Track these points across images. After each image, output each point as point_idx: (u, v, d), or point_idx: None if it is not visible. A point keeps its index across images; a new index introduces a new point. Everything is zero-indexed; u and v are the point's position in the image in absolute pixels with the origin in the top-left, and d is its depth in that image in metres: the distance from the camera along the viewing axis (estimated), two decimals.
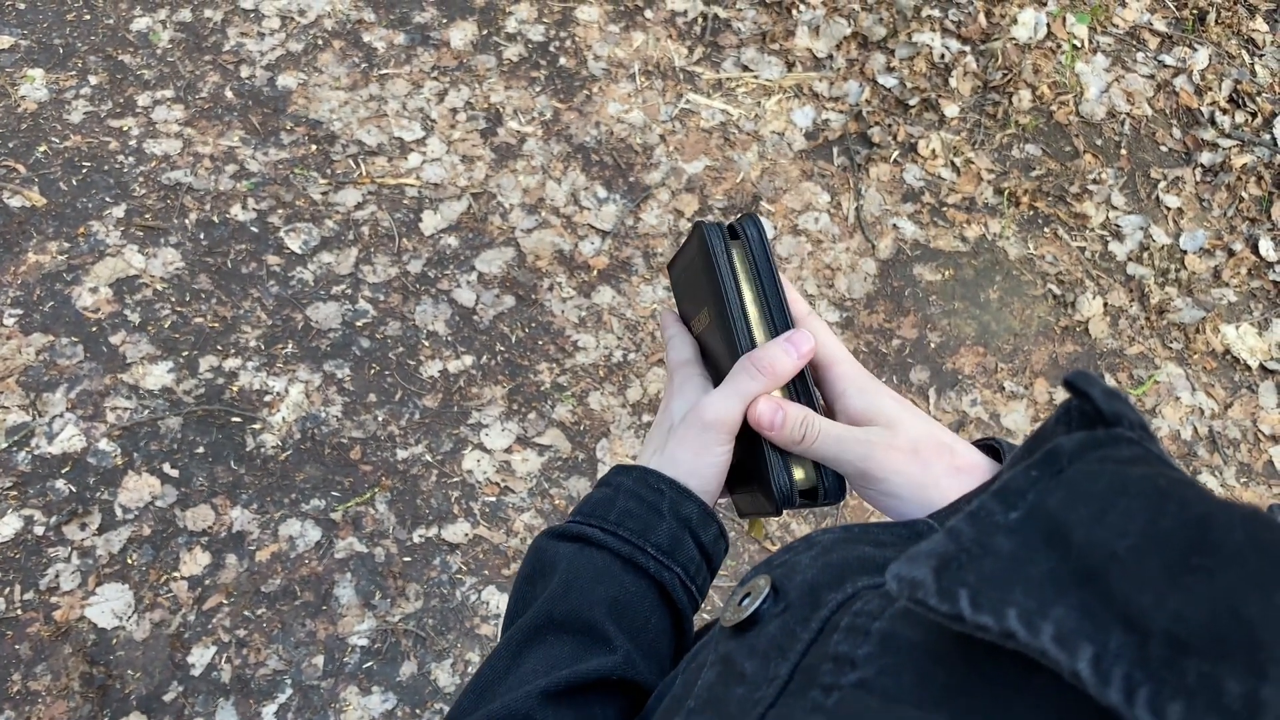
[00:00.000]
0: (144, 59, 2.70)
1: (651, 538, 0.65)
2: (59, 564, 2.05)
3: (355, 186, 2.57)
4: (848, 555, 0.47)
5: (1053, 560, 0.30)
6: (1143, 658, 0.27)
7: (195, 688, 1.97)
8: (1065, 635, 0.28)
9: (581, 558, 0.65)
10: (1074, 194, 2.81)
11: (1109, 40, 3.07)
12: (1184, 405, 2.55)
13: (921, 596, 0.32)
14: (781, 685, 0.41)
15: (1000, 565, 0.31)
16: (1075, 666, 0.28)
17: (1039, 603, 0.29)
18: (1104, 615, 0.28)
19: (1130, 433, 0.35)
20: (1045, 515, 0.32)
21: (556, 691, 0.58)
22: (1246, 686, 0.25)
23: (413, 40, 2.84)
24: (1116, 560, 0.29)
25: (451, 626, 2.09)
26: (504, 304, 2.47)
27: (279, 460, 2.21)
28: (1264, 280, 2.73)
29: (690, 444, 0.69)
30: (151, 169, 2.53)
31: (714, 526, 0.68)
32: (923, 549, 0.34)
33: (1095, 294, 2.67)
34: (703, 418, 0.68)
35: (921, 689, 0.35)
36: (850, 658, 0.38)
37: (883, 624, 0.39)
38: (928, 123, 2.88)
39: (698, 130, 2.80)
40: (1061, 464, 0.34)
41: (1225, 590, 0.27)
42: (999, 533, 0.32)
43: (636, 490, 0.67)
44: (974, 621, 0.30)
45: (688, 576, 0.66)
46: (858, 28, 3.01)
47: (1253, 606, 0.26)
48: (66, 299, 2.32)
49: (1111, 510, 0.30)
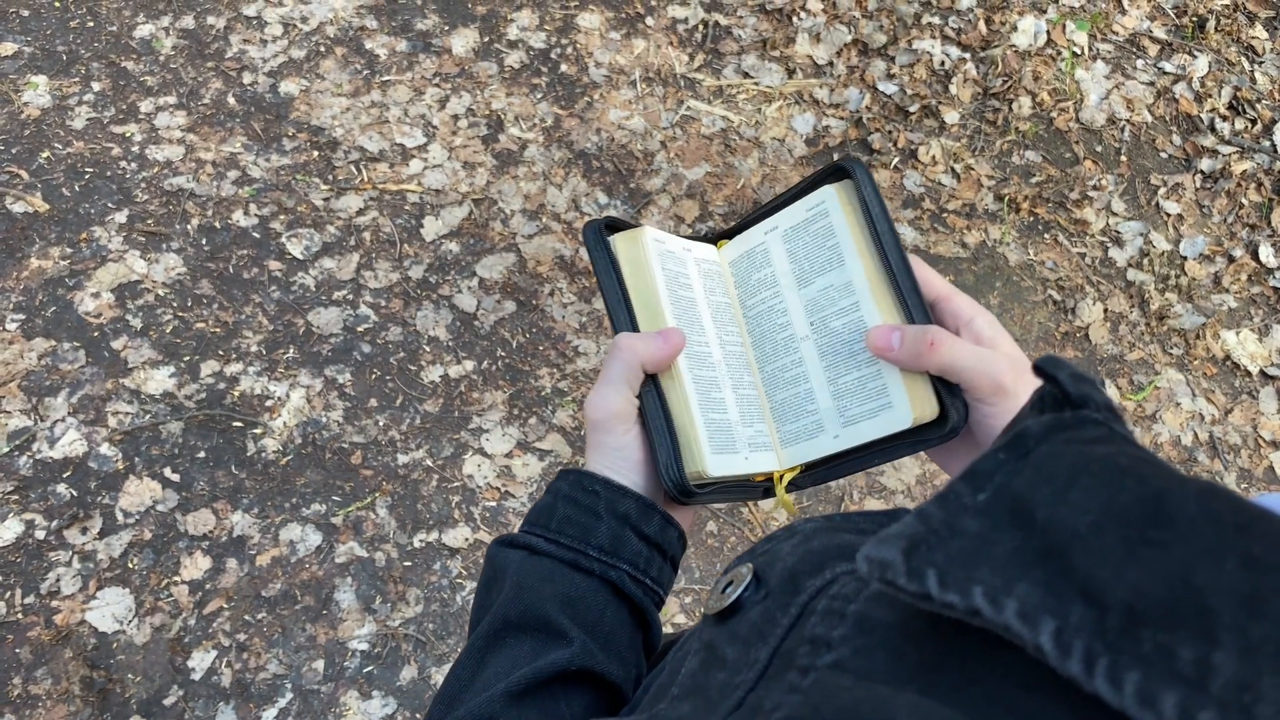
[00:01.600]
0: (147, 66, 2.71)
1: (592, 540, 0.67)
2: (60, 568, 2.05)
3: (357, 192, 2.59)
4: (828, 543, 0.47)
5: (1018, 539, 0.31)
6: (1101, 630, 0.27)
7: (195, 692, 1.97)
8: (1028, 611, 0.29)
9: (530, 562, 0.66)
10: (1074, 200, 2.82)
11: (1109, 47, 3.08)
12: (1184, 411, 2.55)
13: (891, 577, 0.33)
14: (761, 669, 0.42)
15: (967, 545, 0.32)
16: (1038, 640, 0.28)
17: (1004, 580, 0.30)
18: (1065, 590, 0.29)
19: (1096, 414, 0.36)
20: (1011, 496, 0.33)
21: (518, 691, 0.59)
22: (1198, 653, 0.26)
23: (414, 47, 2.86)
24: (1078, 537, 0.30)
25: (452, 631, 2.09)
26: (505, 309, 2.47)
27: (280, 465, 2.22)
28: (1264, 286, 2.74)
29: (595, 445, 0.70)
30: (154, 175, 2.54)
31: (656, 517, 0.69)
32: (893, 531, 0.34)
33: (1095, 300, 2.67)
34: (590, 417, 0.70)
35: (894, 667, 0.35)
36: (826, 640, 0.39)
37: (858, 606, 0.39)
38: (928, 129, 2.89)
39: (698, 136, 2.81)
40: (1028, 446, 0.35)
41: (1179, 561, 0.27)
42: (966, 514, 0.33)
43: (573, 495, 0.69)
44: (941, 600, 0.31)
45: (637, 570, 0.67)
46: (858, 35, 3.02)
47: (1204, 575, 0.27)
48: (69, 304, 2.33)
49: (1074, 489, 0.31)
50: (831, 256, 0.75)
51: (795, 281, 0.77)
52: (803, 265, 0.76)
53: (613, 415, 0.69)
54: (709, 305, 0.77)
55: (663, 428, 0.70)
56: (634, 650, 0.67)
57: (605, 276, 0.74)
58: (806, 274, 0.76)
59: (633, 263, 0.74)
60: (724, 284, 0.79)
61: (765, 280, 0.78)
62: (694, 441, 0.70)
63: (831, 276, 0.75)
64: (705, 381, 0.73)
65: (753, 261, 0.79)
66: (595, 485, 0.68)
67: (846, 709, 0.34)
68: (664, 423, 0.70)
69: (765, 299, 0.78)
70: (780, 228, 0.78)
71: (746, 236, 0.80)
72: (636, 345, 0.69)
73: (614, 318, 0.73)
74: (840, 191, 0.76)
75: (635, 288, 0.74)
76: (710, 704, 0.43)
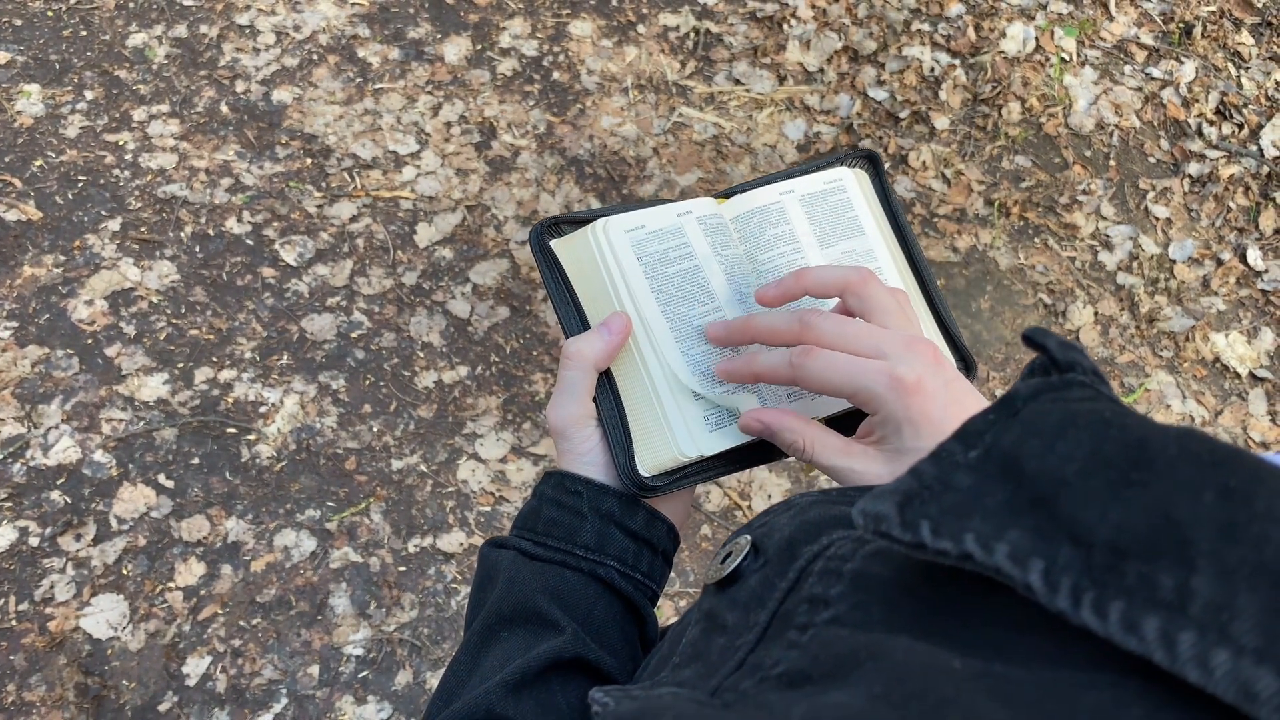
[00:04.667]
0: (140, 74, 2.72)
1: (578, 539, 0.68)
2: (54, 575, 2.05)
3: (350, 199, 2.59)
4: (824, 514, 0.48)
5: (1008, 491, 0.32)
6: (1087, 566, 0.29)
7: (190, 698, 1.97)
8: (1018, 554, 0.30)
9: (520, 561, 0.68)
10: (1064, 204, 2.84)
11: (1097, 54, 3.11)
12: (1175, 413, 2.57)
13: (885, 529, 0.34)
14: (761, 631, 0.43)
15: (960, 498, 0.33)
16: (1028, 579, 0.29)
17: (995, 527, 0.31)
18: (1053, 533, 0.30)
19: (1083, 377, 0.37)
20: (1001, 452, 0.34)
21: (514, 682, 0.60)
22: (1178, 579, 0.27)
23: (407, 55, 2.87)
24: (1065, 484, 0.31)
25: (447, 636, 2.10)
26: (498, 315, 2.48)
27: (274, 471, 2.22)
28: (1252, 289, 2.76)
29: (562, 453, 0.72)
30: (147, 183, 2.54)
31: (640, 512, 0.70)
32: (887, 487, 0.35)
33: (1086, 303, 2.69)
34: (551, 428, 0.72)
35: (890, 618, 0.36)
36: (824, 598, 0.40)
37: (854, 565, 0.40)
38: (918, 135, 2.91)
39: (690, 143, 2.83)
40: (1017, 406, 0.36)
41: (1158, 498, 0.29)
42: (959, 470, 0.34)
43: (556, 497, 0.69)
44: (934, 548, 0.32)
45: (625, 566, 0.68)
46: (848, 42, 3.04)
47: (1183, 508, 0.28)
48: (62, 311, 2.33)
49: (1061, 440, 0.33)
50: (852, 226, 0.76)
51: (817, 241, 0.77)
52: (824, 227, 0.77)
53: (571, 423, 0.70)
54: (720, 262, 0.75)
55: (617, 426, 0.70)
56: (628, 644, 0.67)
57: (550, 283, 0.73)
58: (828, 235, 0.77)
59: (578, 262, 0.73)
60: (731, 238, 0.77)
61: (782, 236, 0.77)
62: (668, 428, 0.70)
63: (854, 242, 0.76)
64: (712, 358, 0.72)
65: (766, 217, 0.77)
66: (578, 486, 0.69)
67: (844, 656, 0.35)
68: (618, 421, 0.70)
69: (784, 253, 0.77)
70: (797, 191, 0.78)
71: (754, 195, 0.78)
72: (583, 347, 0.69)
73: (564, 324, 0.73)
74: (855, 175, 0.77)
75: (584, 288, 0.73)
76: (711, 667, 0.44)
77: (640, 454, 0.70)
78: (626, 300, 0.71)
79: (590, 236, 0.73)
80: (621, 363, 0.72)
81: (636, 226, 0.73)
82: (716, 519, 2.29)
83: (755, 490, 2.32)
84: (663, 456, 0.70)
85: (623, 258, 0.72)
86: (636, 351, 0.71)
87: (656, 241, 0.73)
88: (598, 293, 0.72)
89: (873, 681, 0.32)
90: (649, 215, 0.74)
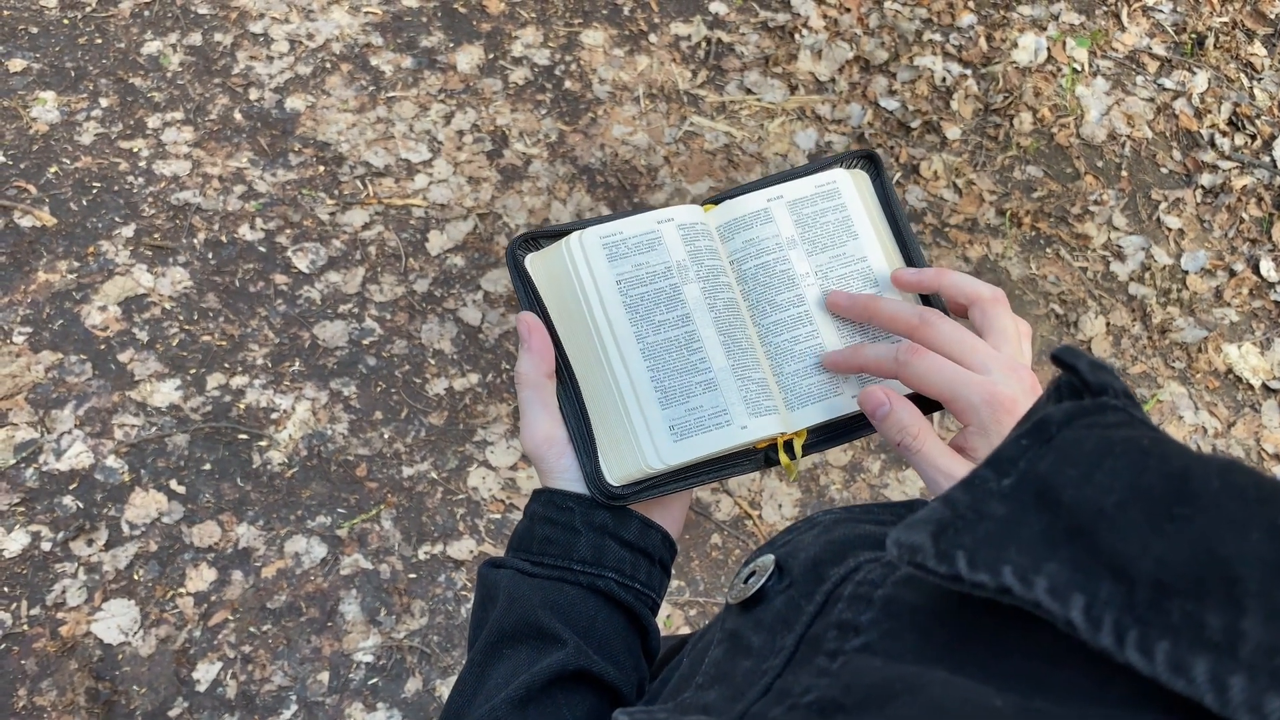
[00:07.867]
0: (154, 82, 2.73)
1: (575, 554, 0.68)
2: (65, 580, 2.05)
3: (362, 207, 2.60)
4: (849, 533, 0.48)
5: (1044, 520, 0.32)
6: (1130, 603, 0.28)
7: (200, 704, 1.97)
8: (1058, 587, 0.30)
9: (519, 578, 0.68)
10: (1075, 215, 2.83)
11: (1109, 64, 3.10)
12: (1187, 424, 2.56)
13: (920, 560, 0.34)
14: (788, 655, 0.42)
15: (995, 528, 0.33)
16: (1069, 615, 0.29)
17: (1032, 559, 0.31)
18: (1093, 567, 0.29)
19: (1115, 401, 0.37)
20: (1036, 479, 0.33)
21: (519, 698, 0.60)
22: (1226, 620, 0.26)
23: (420, 64, 2.88)
24: (1104, 516, 0.30)
25: (456, 643, 2.09)
26: (509, 323, 2.48)
27: (285, 477, 2.22)
28: (1265, 300, 2.75)
29: (543, 474, 0.72)
30: (161, 189, 2.55)
31: (633, 522, 0.70)
32: (920, 516, 0.35)
33: (1098, 314, 2.69)
34: (526, 453, 0.73)
35: (923, 647, 0.36)
36: (854, 624, 0.40)
37: (885, 591, 0.40)
38: (930, 145, 2.91)
39: (701, 152, 2.83)
40: (1051, 432, 0.35)
41: (1203, 533, 0.28)
42: (993, 499, 0.34)
43: (548, 515, 0.70)
44: (971, 580, 0.32)
45: (623, 576, 0.68)
46: (860, 52, 3.04)
47: (1229, 546, 0.28)
48: (75, 317, 2.34)
49: (1098, 470, 0.32)
50: (844, 230, 0.75)
51: (803, 247, 0.75)
52: (812, 232, 0.75)
53: (540, 443, 0.70)
54: (698, 271, 0.73)
55: (582, 435, 0.70)
56: (631, 655, 0.68)
57: (522, 296, 0.73)
58: (817, 240, 0.75)
59: (551, 277, 0.73)
60: (714, 245, 0.76)
61: (767, 244, 0.75)
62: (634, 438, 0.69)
63: (846, 248, 0.75)
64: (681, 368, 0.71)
65: (752, 224, 0.76)
66: (568, 501, 0.69)
67: (878, 687, 0.35)
68: (583, 430, 0.70)
69: (767, 262, 0.75)
70: (785, 197, 0.76)
71: (740, 202, 0.77)
72: (520, 368, 0.71)
73: None
74: (851, 176, 0.77)
75: (555, 302, 0.73)
76: (737, 690, 0.43)
77: (608, 463, 0.70)
78: (597, 310, 0.71)
79: (564, 249, 0.72)
80: (590, 373, 0.71)
81: (613, 234, 0.73)
82: (726, 528, 2.28)
83: (766, 499, 2.31)
84: (629, 468, 0.69)
85: (596, 267, 0.71)
86: (605, 362, 0.71)
87: (632, 249, 0.72)
88: (569, 304, 0.72)
89: (910, 716, 0.32)
90: (628, 223, 0.73)
